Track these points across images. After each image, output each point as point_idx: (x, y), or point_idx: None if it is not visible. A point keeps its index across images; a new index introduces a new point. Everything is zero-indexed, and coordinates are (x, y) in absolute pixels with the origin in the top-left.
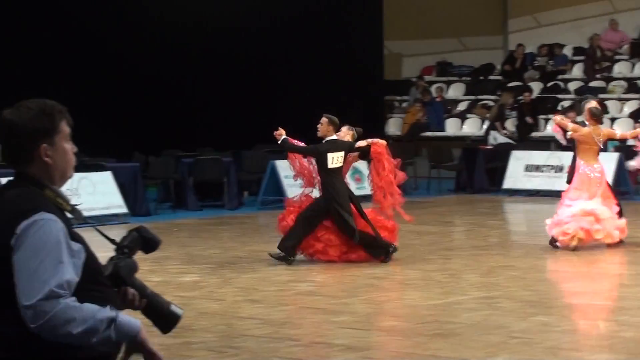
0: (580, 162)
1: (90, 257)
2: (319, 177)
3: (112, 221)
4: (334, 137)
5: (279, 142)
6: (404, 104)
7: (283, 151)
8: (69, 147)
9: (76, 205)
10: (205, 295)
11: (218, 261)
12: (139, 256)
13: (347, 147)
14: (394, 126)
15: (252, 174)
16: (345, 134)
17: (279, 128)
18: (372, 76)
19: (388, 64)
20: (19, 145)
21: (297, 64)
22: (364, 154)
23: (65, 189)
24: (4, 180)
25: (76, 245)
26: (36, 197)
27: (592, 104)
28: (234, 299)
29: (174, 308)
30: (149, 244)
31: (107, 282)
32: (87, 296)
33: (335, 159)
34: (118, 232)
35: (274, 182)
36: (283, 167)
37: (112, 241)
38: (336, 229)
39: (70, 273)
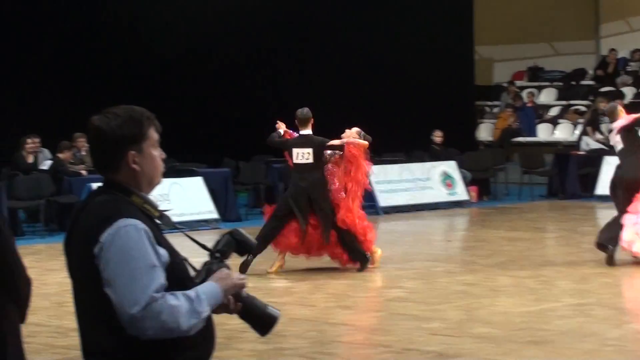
0: None
1: (176, 262)
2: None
3: (203, 226)
4: (306, 132)
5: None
6: (495, 110)
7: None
8: (157, 154)
9: (165, 211)
10: (296, 301)
11: (309, 267)
12: (234, 260)
13: (317, 144)
14: (485, 131)
15: None
16: (347, 135)
17: (278, 121)
18: (463, 81)
19: (479, 69)
20: (106, 152)
21: (389, 70)
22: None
23: (156, 194)
24: (95, 186)
25: (162, 250)
26: (120, 203)
27: None
28: (325, 305)
29: (270, 310)
30: (243, 246)
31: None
32: None
33: (300, 155)
34: (209, 238)
35: None
36: (374, 173)
37: (203, 246)
38: (316, 224)
39: (163, 276)
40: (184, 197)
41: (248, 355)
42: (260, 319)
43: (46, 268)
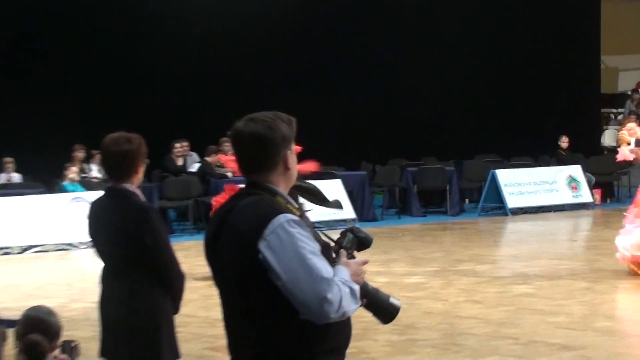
0: None
1: (323, 249)
2: None
3: (341, 226)
4: None
5: None
6: (620, 117)
7: None
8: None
9: (306, 211)
10: (429, 295)
11: (441, 264)
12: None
13: None
14: (609, 137)
15: (473, 182)
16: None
17: None
18: (589, 90)
19: (605, 77)
20: (265, 154)
21: (515, 78)
22: None
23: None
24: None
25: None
26: (271, 202)
27: None
28: (455, 300)
29: (393, 300)
30: (363, 242)
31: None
32: None
33: None
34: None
35: (494, 190)
36: (503, 176)
37: (339, 245)
38: None
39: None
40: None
41: (383, 345)
42: (384, 310)
43: (195, 263)
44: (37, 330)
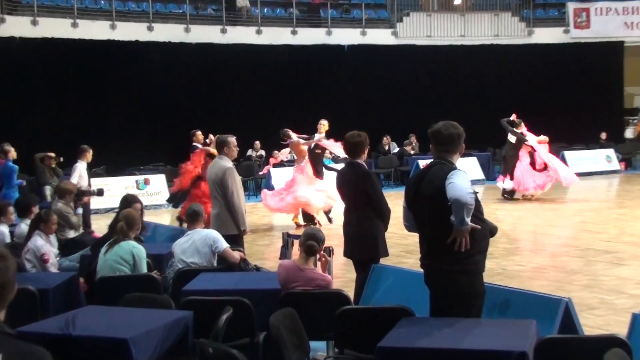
0: None
1: (476, 198)
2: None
3: (474, 183)
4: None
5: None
6: (635, 120)
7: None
8: None
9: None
10: (531, 216)
11: None
12: None
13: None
14: (629, 132)
15: None
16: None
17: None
18: (618, 106)
19: (627, 99)
20: (453, 145)
21: None
22: None
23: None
24: (421, 161)
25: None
26: (452, 167)
27: None
28: None
29: (494, 225)
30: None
31: (481, 212)
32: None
33: None
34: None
35: None
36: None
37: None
38: None
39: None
40: (464, 167)
41: (501, 250)
42: (491, 230)
43: (391, 203)
44: (312, 239)
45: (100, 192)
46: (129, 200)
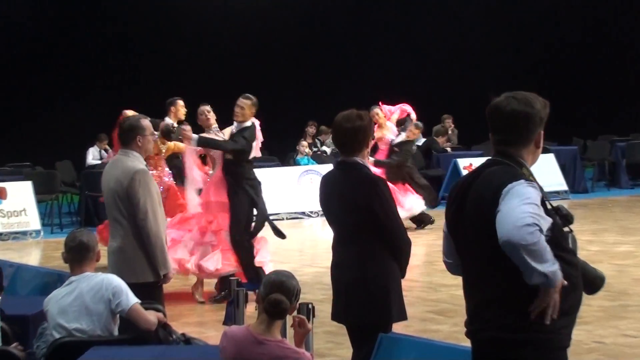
0: None
1: (557, 228)
2: None
3: (554, 197)
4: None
5: None
6: None
7: None
8: None
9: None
10: (638, 263)
11: None
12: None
13: None
14: None
15: None
16: None
17: None
18: None
19: None
20: (524, 130)
21: None
22: None
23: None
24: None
25: (546, 217)
26: (515, 172)
27: None
28: None
29: (600, 273)
30: (567, 219)
31: (570, 250)
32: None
33: None
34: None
35: None
36: None
37: (566, 220)
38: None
39: (546, 225)
40: (538, 172)
41: (596, 310)
42: (592, 281)
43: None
44: (279, 291)
45: None
46: None
